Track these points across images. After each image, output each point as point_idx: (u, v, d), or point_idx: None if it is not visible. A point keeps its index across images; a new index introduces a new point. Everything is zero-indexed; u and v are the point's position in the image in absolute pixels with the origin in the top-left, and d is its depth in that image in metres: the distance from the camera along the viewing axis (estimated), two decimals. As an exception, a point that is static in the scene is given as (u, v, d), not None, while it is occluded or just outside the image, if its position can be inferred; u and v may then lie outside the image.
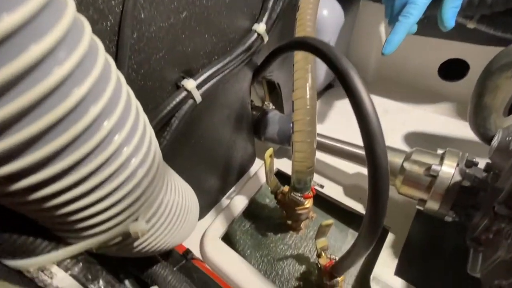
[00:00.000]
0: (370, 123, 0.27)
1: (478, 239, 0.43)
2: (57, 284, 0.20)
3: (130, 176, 0.19)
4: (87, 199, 0.17)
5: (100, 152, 0.17)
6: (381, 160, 0.27)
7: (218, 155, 0.61)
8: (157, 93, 0.40)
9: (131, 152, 0.19)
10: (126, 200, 0.20)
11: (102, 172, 0.17)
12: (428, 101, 0.85)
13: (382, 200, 0.27)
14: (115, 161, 0.18)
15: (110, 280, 0.23)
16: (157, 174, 0.23)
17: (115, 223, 0.20)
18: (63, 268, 0.20)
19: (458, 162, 0.45)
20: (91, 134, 0.16)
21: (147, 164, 0.21)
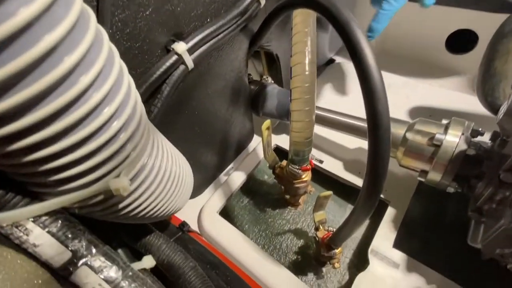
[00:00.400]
0: (371, 77, 0.25)
1: (480, 209, 0.42)
2: (33, 241, 0.19)
3: (104, 127, 0.18)
4: (58, 145, 0.16)
5: (65, 91, 0.15)
6: (382, 117, 0.25)
7: (215, 129, 0.59)
8: (145, 56, 0.37)
9: (102, 99, 0.17)
10: (103, 153, 0.18)
11: (70, 114, 0.15)
12: (434, 75, 0.82)
13: (383, 161, 0.26)
14: (84, 104, 0.16)
15: (93, 240, 0.22)
16: (137, 131, 0.21)
17: (93, 178, 0.19)
18: (40, 225, 0.19)
19: (463, 131, 0.43)
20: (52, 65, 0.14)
21: (124, 117, 0.19)
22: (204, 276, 0.35)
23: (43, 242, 0.19)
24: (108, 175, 0.20)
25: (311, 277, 0.56)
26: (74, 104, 0.16)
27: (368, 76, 0.25)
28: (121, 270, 0.22)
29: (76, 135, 0.17)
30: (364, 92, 0.25)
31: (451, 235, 0.52)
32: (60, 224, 0.20)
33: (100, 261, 0.21)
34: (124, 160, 0.20)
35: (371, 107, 0.25)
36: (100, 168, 0.19)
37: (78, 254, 0.20)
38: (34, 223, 0.19)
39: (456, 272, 0.47)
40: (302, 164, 0.51)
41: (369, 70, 0.25)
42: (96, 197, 0.20)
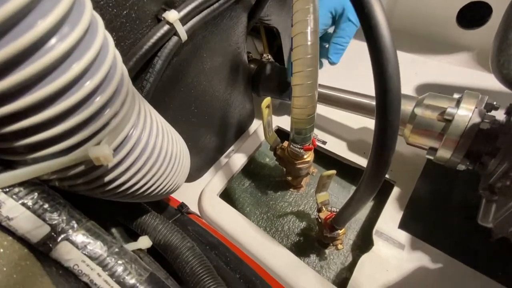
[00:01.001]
0: (380, 35, 0.22)
1: (492, 187, 0.40)
2: (6, 213, 0.17)
3: (75, 86, 0.16)
4: (20, 101, 0.14)
5: (21, 34, 0.13)
6: (392, 81, 0.22)
7: (213, 110, 0.57)
8: (134, 26, 0.34)
9: (69, 51, 0.15)
10: (75, 116, 0.16)
11: (30, 64, 0.13)
12: (443, 51, 0.78)
13: (392, 128, 0.23)
14: (47, 54, 0.14)
15: (75, 214, 0.20)
16: (119, 95, 0.19)
17: (69, 144, 0.17)
18: (13, 197, 0.17)
19: (477, 105, 0.40)
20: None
21: (99, 77, 0.17)
22: (202, 256, 0.33)
23: (18, 215, 0.17)
24: (87, 143, 0.18)
25: (313, 259, 0.55)
26: (35, 52, 0.13)
27: (377, 34, 0.22)
28: (106, 246, 0.20)
29: (40, 91, 0.14)
30: (371, 52, 0.23)
31: (458, 215, 0.50)
32: (36, 196, 0.18)
33: (83, 236, 0.20)
34: (103, 127, 0.18)
35: (379, 68, 0.22)
36: (76, 134, 0.17)
37: (57, 228, 0.19)
38: (6, 194, 0.17)
39: (463, 252, 0.46)
40: (304, 143, 0.48)
41: (378, 28, 0.22)
42: (76, 168, 0.19)
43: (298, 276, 0.46)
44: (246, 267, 0.37)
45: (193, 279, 0.31)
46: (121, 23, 0.33)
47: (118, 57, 0.20)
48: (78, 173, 0.19)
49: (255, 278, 0.35)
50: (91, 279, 0.19)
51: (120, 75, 0.19)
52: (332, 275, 0.52)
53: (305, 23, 0.38)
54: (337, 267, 0.53)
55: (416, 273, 0.45)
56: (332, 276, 0.52)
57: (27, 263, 0.17)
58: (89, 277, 0.19)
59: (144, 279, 0.21)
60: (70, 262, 0.19)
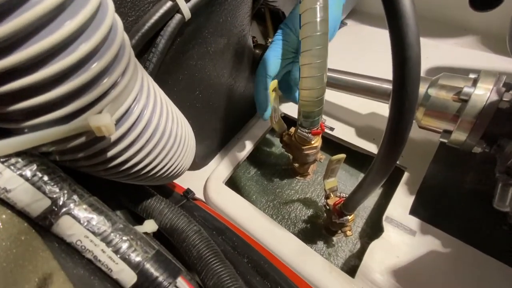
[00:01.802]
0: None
1: (510, 170, 0.38)
2: (4, 185, 0.16)
3: (69, 48, 0.14)
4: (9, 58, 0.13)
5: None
6: (412, 49, 0.21)
7: (218, 94, 0.55)
8: (135, 2, 0.33)
9: (59, 6, 0.13)
10: (73, 80, 0.15)
11: (18, 16, 0.12)
12: (456, 34, 0.75)
13: (410, 100, 0.22)
14: (33, 8, 0.12)
15: (77, 188, 0.19)
16: (119, 63, 0.18)
17: (68, 112, 0.16)
18: (11, 168, 0.16)
19: (495, 84, 0.38)
20: None
21: (94, 41, 0.16)
22: (209, 239, 0.33)
23: (16, 186, 0.16)
24: (87, 111, 0.17)
25: (321, 246, 0.54)
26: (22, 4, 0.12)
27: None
28: (110, 222, 0.19)
29: (33, 47, 0.13)
30: (388, 16, 0.21)
31: (470, 201, 0.49)
32: (35, 168, 0.17)
33: (85, 211, 0.19)
34: (102, 96, 0.17)
35: (398, 33, 0.21)
36: (73, 100, 0.16)
37: (58, 202, 0.18)
38: (3, 164, 0.16)
39: (475, 238, 0.45)
40: (312, 127, 0.47)
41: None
42: (77, 139, 0.17)
43: (306, 262, 0.45)
44: (253, 252, 0.36)
45: (200, 262, 0.30)
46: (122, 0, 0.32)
47: (119, 22, 0.19)
48: (79, 146, 0.18)
49: (264, 262, 0.34)
50: (95, 255, 0.18)
51: (120, 42, 0.18)
52: (340, 262, 0.52)
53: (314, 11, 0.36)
54: (345, 254, 0.52)
55: (427, 259, 0.44)
56: (340, 264, 0.51)
57: (27, 237, 0.16)
58: (92, 253, 0.18)
59: (150, 256, 0.20)
60: (73, 238, 0.18)
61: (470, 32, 0.74)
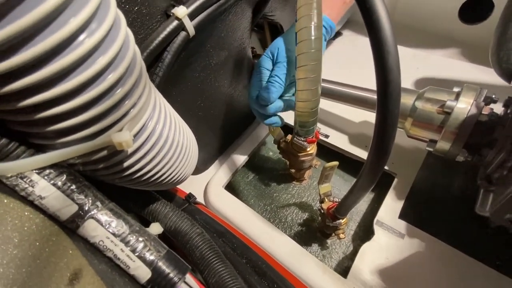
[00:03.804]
0: (382, 28, 0.23)
1: (490, 177, 0.42)
2: (39, 193, 0.19)
3: (100, 78, 0.17)
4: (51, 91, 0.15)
5: (52, 32, 0.14)
6: (392, 73, 0.24)
7: (219, 103, 0.58)
8: (144, 21, 0.36)
9: (95, 46, 0.16)
10: (101, 105, 0.18)
11: (61, 58, 0.15)
12: (445, 46, 0.79)
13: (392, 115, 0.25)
14: (76, 50, 0.15)
15: (99, 195, 0.22)
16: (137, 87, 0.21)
17: (94, 131, 0.19)
18: (45, 178, 0.19)
19: (476, 98, 0.41)
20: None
21: (120, 70, 0.18)
22: (211, 241, 0.35)
23: (49, 194, 0.19)
24: (110, 129, 0.20)
25: (316, 248, 0.57)
26: (65, 48, 0.15)
27: (378, 27, 0.23)
28: (127, 225, 0.22)
29: (68, 83, 0.16)
30: (373, 45, 0.24)
31: (457, 206, 0.52)
32: (65, 178, 0.20)
33: (106, 215, 0.21)
34: (123, 116, 0.20)
35: (380, 60, 0.24)
36: (100, 121, 0.19)
37: (84, 207, 0.20)
38: (39, 175, 0.19)
39: (461, 241, 0.47)
40: (308, 136, 0.50)
41: (380, 22, 0.24)
42: (100, 152, 0.20)
43: (301, 263, 0.48)
44: (252, 253, 0.39)
45: (202, 262, 0.33)
46: (132, 19, 0.35)
47: (137, 52, 0.22)
48: (101, 158, 0.21)
49: (261, 263, 0.37)
50: (115, 254, 0.21)
51: (139, 70, 0.21)
52: (334, 264, 0.54)
53: (309, 18, 0.39)
54: (338, 256, 0.55)
55: (415, 261, 0.47)
56: (334, 265, 0.54)
57: (58, 238, 0.19)
58: (113, 252, 0.21)
59: (162, 255, 0.23)
60: (96, 238, 0.21)
61: (459, 44, 0.78)
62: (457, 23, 0.77)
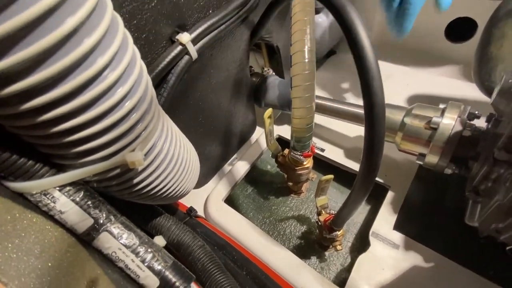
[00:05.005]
0: (366, 57, 0.26)
1: (477, 189, 0.44)
2: (60, 208, 0.20)
3: (118, 106, 0.20)
4: (77, 119, 0.18)
5: (83, 71, 0.17)
6: (377, 96, 0.27)
7: (218, 120, 0.61)
8: (151, 47, 0.39)
9: (116, 80, 0.19)
10: (118, 129, 0.20)
11: (88, 92, 0.17)
12: (433, 64, 0.83)
13: (379, 134, 0.27)
14: (101, 84, 0.18)
15: (111, 210, 0.24)
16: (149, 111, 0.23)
17: (111, 151, 0.21)
18: (65, 194, 0.21)
19: (460, 114, 0.44)
20: (72, 47, 0.16)
21: (136, 97, 0.21)
22: (212, 254, 0.37)
23: (69, 209, 0.21)
24: (123, 150, 0.22)
25: (314, 260, 0.58)
26: (92, 82, 0.18)
27: (363, 56, 0.26)
28: (138, 238, 0.24)
29: (93, 111, 0.19)
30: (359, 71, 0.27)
31: (449, 217, 0.54)
32: (82, 194, 0.22)
33: (119, 228, 0.23)
34: (136, 138, 0.22)
35: (366, 85, 0.26)
36: (116, 143, 0.21)
37: (99, 221, 0.22)
38: (60, 192, 0.21)
39: (455, 252, 0.49)
40: (304, 150, 0.52)
41: (364, 51, 0.27)
42: (114, 170, 0.22)
43: (300, 275, 0.49)
44: (252, 265, 0.40)
45: (204, 274, 0.34)
46: (140, 45, 0.38)
47: (149, 81, 0.24)
48: (114, 176, 0.23)
49: (261, 274, 0.38)
50: (126, 264, 0.23)
51: (151, 95, 0.23)
52: (332, 276, 0.55)
53: (302, 43, 0.43)
54: (336, 268, 0.56)
55: (410, 271, 0.48)
56: (332, 277, 0.55)
57: (75, 249, 0.21)
58: (124, 263, 0.23)
59: (169, 265, 0.24)
60: (109, 250, 0.22)
61: (447, 62, 0.82)
62: (445, 42, 0.82)
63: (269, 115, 0.52)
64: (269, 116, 0.52)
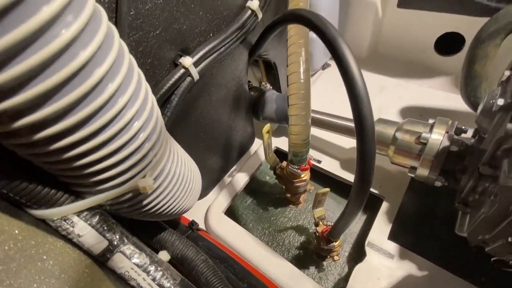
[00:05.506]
0: (356, 86, 0.29)
1: (466, 201, 0.46)
2: (78, 232, 0.22)
3: (134, 138, 0.22)
4: (98, 154, 0.20)
5: (105, 112, 0.19)
6: (367, 120, 0.29)
7: (218, 134, 0.63)
8: (156, 70, 0.41)
9: (133, 115, 0.21)
10: (132, 159, 0.22)
11: (107, 130, 0.19)
12: (424, 76, 0.86)
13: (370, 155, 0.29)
14: (119, 122, 0.20)
15: (124, 232, 0.26)
16: (159, 139, 0.25)
17: (126, 178, 0.23)
18: (83, 219, 0.23)
19: (447, 130, 0.47)
20: (97, 93, 0.18)
21: (149, 129, 0.23)
22: (215, 267, 0.38)
23: (86, 233, 0.23)
24: (136, 177, 0.24)
25: (312, 270, 0.59)
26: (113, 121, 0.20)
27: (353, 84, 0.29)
28: (148, 257, 0.26)
29: (112, 145, 0.21)
30: (350, 98, 0.29)
31: (442, 227, 0.56)
32: (98, 218, 0.24)
33: (131, 249, 0.25)
34: (147, 165, 0.24)
35: (357, 111, 0.29)
36: (130, 171, 0.23)
37: (113, 243, 0.24)
38: (78, 217, 0.22)
39: (447, 261, 0.51)
40: (301, 164, 0.55)
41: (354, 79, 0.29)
42: (127, 195, 0.24)
43: (300, 286, 0.51)
44: (252, 277, 0.42)
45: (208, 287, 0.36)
46: (146, 70, 0.40)
47: (159, 111, 0.27)
48: (126, 199, 0.25)
49: (261, 286, 0.40)
50: (138, 282, 0.24)
51: (160, 125, 0.26)
52: (330, 286, 0.57)
53: (298, 65, 0.45)
54: (334, 278, 0.58)
55: (405, 280, 0.50)
56: (330, 287, 0.57)
57: (91, 270, 0.22)
58: (136, 281, 0.24)
59: (177, 282, 0.26)
60: (122, 269, 0.24)
61: (437, 74, 0.86)
62: (434, 55, 0.85)
63: (267, 130, 0.54)
64: (267, 131, 0.55)
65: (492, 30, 0.45)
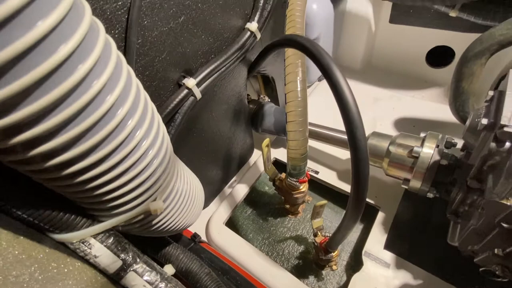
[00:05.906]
0: (350, 111, 0.31)
1: (456, 212, 0.48)
2: (95, 253, 0.24)
3: (148, 166, 0.24)
4: (115, 183, 0.22)
5: (125, 146, 0.21)
6: (360, 142, 0.31)
7: (219, 147, 0.65)
8: (161, 92, 0.43)
9: (149, 145, 0.23)
10: (145, 184, 0.24)
11: (125, 162, 0.21)
12: (416, 87, 0.89)
13: (364, 175, 0.32)
14: (136, 153, 0.22)
15: (136, 251, 0.27)
16: (169, 163, 0.27)
17: (138, 202, 0.25)
18: (99, 241, 0.24)
19: (438, 144, 0.49)
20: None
21: (161, 155, 0.25)
22: (218, 280, 0.40)
23: (102, 253, 0.24)
24: (147, 200, 0.26)
25: (312, 279, 0.61)
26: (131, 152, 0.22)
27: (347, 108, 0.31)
28: (158, 274, 0.27)
29: (130, 174, 0.23)
30: (345, 123, 0.32)
31: (436, 236, 0.58)
32: (112, 239, 0.25)
33: (143, 267, 0.27)
34: (158, 188, 0.26)
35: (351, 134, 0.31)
36: (142, 196, 0.25)
37: (127, 262, 0.26)
38: (95, 239, 0.24)
39: (441, 269, 0.53)
40: (299, 177, 0.57)
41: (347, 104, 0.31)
42: (138, 217, 0.26)
43: (299, 296, 0.52)
44: (254, 289, 0.43)
45: (212, 300, 0.37)
46: (151, 92, 0.42)
47: (166, 134, 0.29)
48: (138, 221, 0.27)
49: (263, 298, 0.42)
50: (149, 299, 0.26)
51: (170, 150, 0.28)
52: (329, 294, 0.58)
53: (295, 84, 0.48)
54: (333, 287, 0.59)
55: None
56: (329, 295, 0.58)
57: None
58: (148, 298, 0.26)
59: (186, 298, 0.28)
60: (135, 287, 0.26)
61: (429, 85, 0.89)
62: (426, 67, 0.89)
63: (267, 144, 0.57)
64: (266, 145, 0.57)
65: (477, 50, 0.48)
